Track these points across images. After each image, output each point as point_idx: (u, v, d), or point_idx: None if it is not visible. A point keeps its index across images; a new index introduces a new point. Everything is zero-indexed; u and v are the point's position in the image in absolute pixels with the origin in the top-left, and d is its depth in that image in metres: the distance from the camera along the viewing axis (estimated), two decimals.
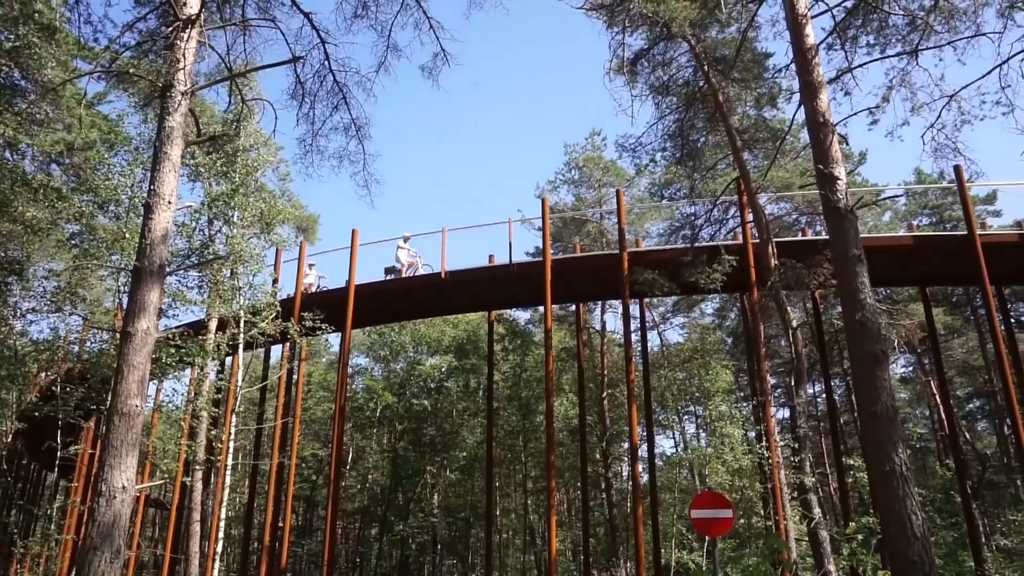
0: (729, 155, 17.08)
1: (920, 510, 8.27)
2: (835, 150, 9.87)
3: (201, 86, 9.88)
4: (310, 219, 30.93)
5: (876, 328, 8.75)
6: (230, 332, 16.04)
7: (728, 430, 20.86)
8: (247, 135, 16.54)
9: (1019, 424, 14.41)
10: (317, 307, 16.62)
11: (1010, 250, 15.53)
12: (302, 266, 18.53)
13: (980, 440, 35.17)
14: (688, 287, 15.48)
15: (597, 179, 28.96)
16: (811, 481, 13.55)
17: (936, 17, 12.99)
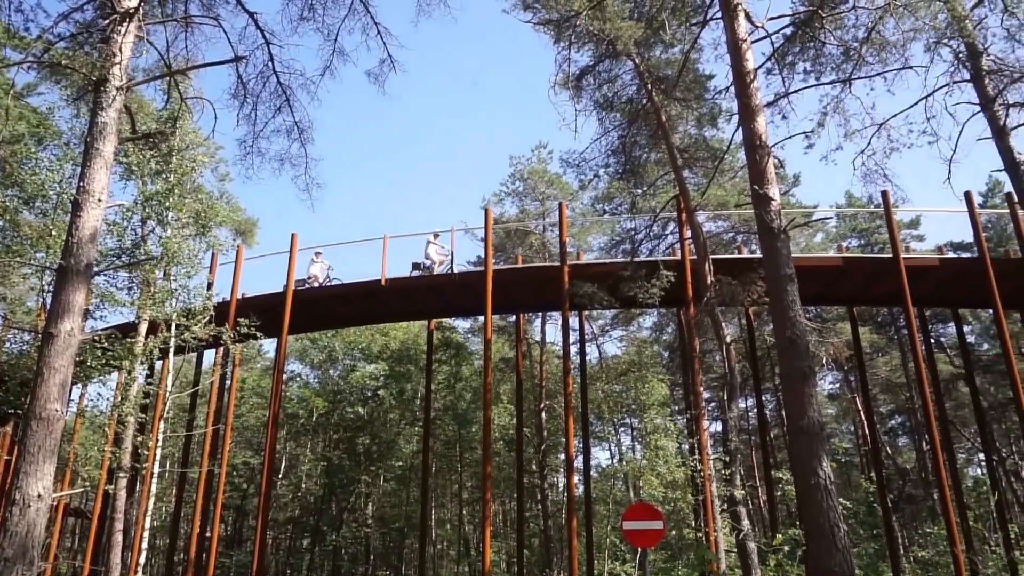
0: (670, 172, 17.42)
1: (843, 522, 8.53)
2: (770, 171, 10.17)
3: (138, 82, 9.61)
4: (249, 222, 30.26)
5: (805, 345, 9.03)
6: (161, 335, 15.55)
7: (662, 443, 21.19)
8: (185, 134, 16.12)
9: (936, 440, 15.04)
10: (253, 312, 16.27)
11: (931, 273, 16.24)
12: (239, 270, 18.10)
13: (901, 455, 36.54)
14: (627, 301, 15.71)
15: (541, 192, 29.15)
16: (741, 494, 13.85)
17: (868, 48, 13.52)
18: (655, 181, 19.76)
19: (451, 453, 33.56)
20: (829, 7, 13.34)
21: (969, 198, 15.97)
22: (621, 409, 30.97)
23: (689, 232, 15.75)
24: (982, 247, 15.39)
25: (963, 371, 20.46)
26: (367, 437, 32.08)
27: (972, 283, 16.05)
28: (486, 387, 16.12)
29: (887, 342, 30.59)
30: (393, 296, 17.82)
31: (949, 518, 14.12)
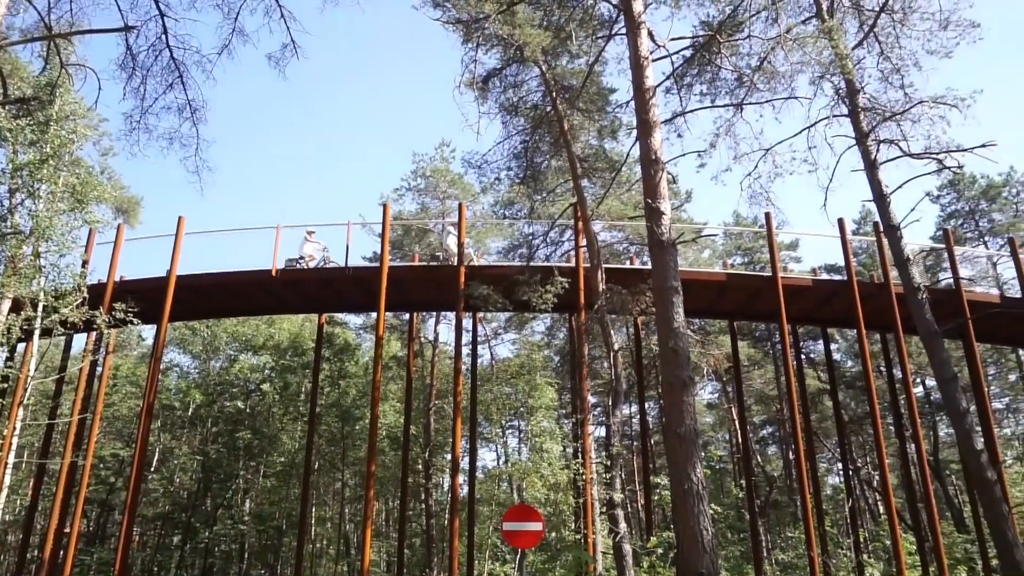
0: (569, 180, 17.75)
1: (711, 526, 8.93)
2: (663, 186, 10.54)
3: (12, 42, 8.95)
4: (131, 201, 28.66)
5: (686, 355, 9.40)
6: (25, 315, 14.47)
7: (548, 446, 21.53)
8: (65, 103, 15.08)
9: (801, 450, 15.98)
10: (132, 296, 15.41)
11: (805, 293, 17.26)
12: (118, 251, 17.06)
13: (770, 463, 38.57)
14: (521, 305, 15.88)
15: (443, 191, 29.07)
16: (620, 497, 14.25)
17: (760, 77, 14.24)
18: (555, 188, 20.08)
19: (335, 450, 32.90)
20: (726, 34, 13.97)
21: (841, 225, 17.07)
22: (510, 411, 31.27)
23: (584, 240, 16.09)
24: (850, 271, 16.48)
25: (828, 386, 21.84)
26: (248, 431, 30.99)
27: (840, 304, 17.17)
28: (375, 384, 15.91)
29: (763, 356, 32.24)
30: (284, 288, 17.32)
31: (808, 523, 15.02)
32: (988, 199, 30.09)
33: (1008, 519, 12.94)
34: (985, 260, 22.33)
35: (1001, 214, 30.02)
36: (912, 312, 14.38)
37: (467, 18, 14.75)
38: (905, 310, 15.30)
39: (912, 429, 16.72)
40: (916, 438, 16.49)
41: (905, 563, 15.49)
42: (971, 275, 20.06)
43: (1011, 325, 17.79)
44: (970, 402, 16.45)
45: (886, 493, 15.85)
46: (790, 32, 13.90)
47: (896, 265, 14.95)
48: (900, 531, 16.17)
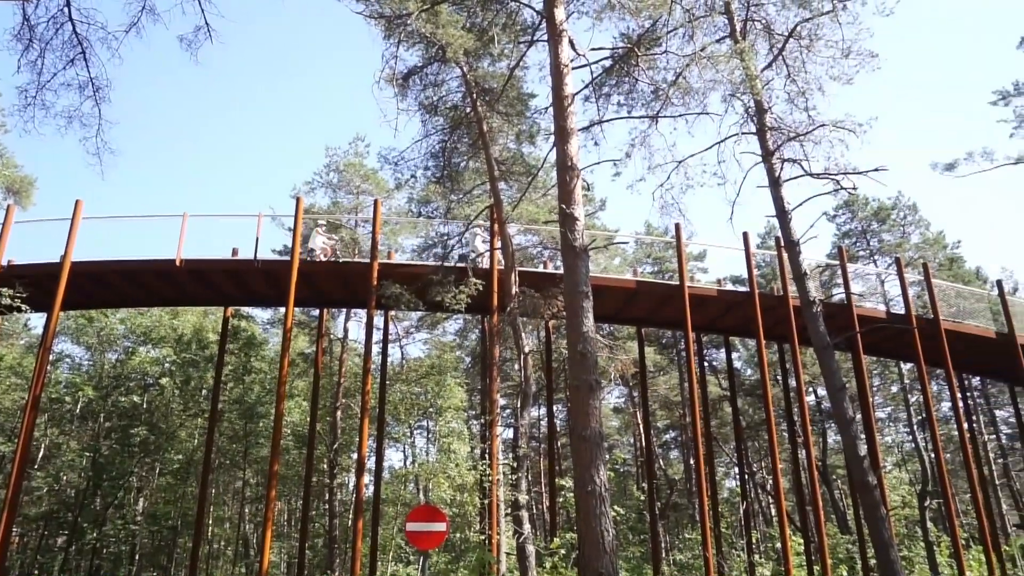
0: (486, 182, 17.81)
1: (613, 527, 9.13)
2: (578, 193, 10.71)
3: None
4: (24, 181, 26.97)
5: (594, 359, 9.58)
6: None
7: (456, 446, 21.52)
8: None
9: (700, 454, 16.53)
10: (20, 282, 14.52)
11: (710, 302, 17.88)
12: (6, 233, 16.00)
13: (671, 467, 39.73)
14: (434, 304, 15.82)
15: (356, 186, 28.62)
16: (525, 499, 14.37)
17: (675, 91, 14.68)
18: (471, 189, 20.10)
19: (237, 448, 31.85)
20: (645, 47, 14.34)
21: (746, 238, 17.77)
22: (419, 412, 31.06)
23: (499, 243, 16.18)
24: (752, 283, 17.18)
25: (728, 393, 22.68)
26: (144, 427, 29.61)
27: (742, 314, 17.87)
28: (281, 380, 15.52)
29: (668, 362, 33.18)
30: (189, 279, 16.67)
31: (704, 525, 15.56)
32: (879, 220, 31.96)
33: (885, 521, 13.74)
34: (874, 277, 23.69)
35: (890, 235, 31.94)
36: (807, 324, 15.09)
37: (390, 14, 14.61)
38: (801, 322, 16.03)
39: (803, 436, 17.56)
40: (807, 444, 17.33)
41: (792, 563, 16.25)
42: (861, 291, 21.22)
43: (894, 339, 18.92)
44: (856, 411, 17.39)
45: (778, 496, 16.57)
46: (705, 50, 14.40)
47: (794, 279, 15.65)
48: (789, 532, 16.94)
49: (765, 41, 17.14)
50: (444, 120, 17.22)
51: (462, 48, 14.29)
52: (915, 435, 28.04)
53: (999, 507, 35.41)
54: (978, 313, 21.47)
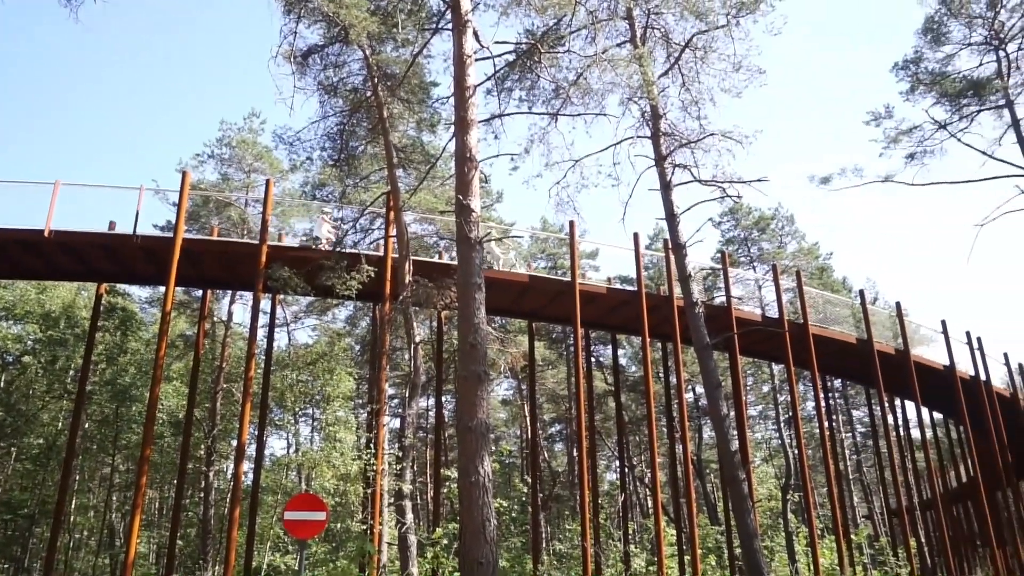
0: (384, 169, 17.57)
1: (495, 518, 9.24)
2: (476, 184, 10.74)
3: None
4: None
5: (484, 351, 9.65)
6: None
7: (342, 435, 21.18)
8: None
9: (584, 447, 16.97)
10: None
11: (600, 300, 18.34)
12: None
13: (556, 459, 40.57)
14: (324, 290, 15.47)
15: (249, 164, 27.61)
16: (409, 488, 14.33)
17: (575, 91, 14.91)
18: (369, 175, 19.79)
19: (106, 433, 30.14)
20: (548, 45, 14.50)
21: (636, 239, 18.33)
22: (305, 399, 30.34)
23: (395, 230, 16.00)
24: (640, 283, 17.75)
25: (613, 388, 23.35)
26: (1, 409, 27.53)
27: (630, 312, 18.43)
28: (157, 363, 14.77)
29: (557, 357, 33.81)
30: (59, 252, 15.58)
31: (584, 516, 15.99)
32: (759, 229, 33.70)
33: (751, 512, 14.57)
34: (753, 283, 24.95)
35: (769, 243, 33.77)
36: (689, 324, 15.75)
37: None
38: (684, 322, 16.71)
39: (681, 431, 18.34)
40: (684, 439, 18.10)
41: (665, 552, 16.96)
42: (741, 295, 22.32)
43: (768, 341, 20.01)
44: (730, 408, 18.33)
45: (655, 489, 17.24)
46: (606, 53, 14.69)
47: (680, 280, 16.29)
48: (663, 523, 17.66)
49: (663, 49, 17.71)
50: (343, 102, 16.86)
51: (365, 31, 14.01)
52: (782, 432, 29.81)
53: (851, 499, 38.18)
54: (843, 320, 23.03)
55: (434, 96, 17.36)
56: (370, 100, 16.26)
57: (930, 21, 22.00)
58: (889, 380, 21.81)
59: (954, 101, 22.12)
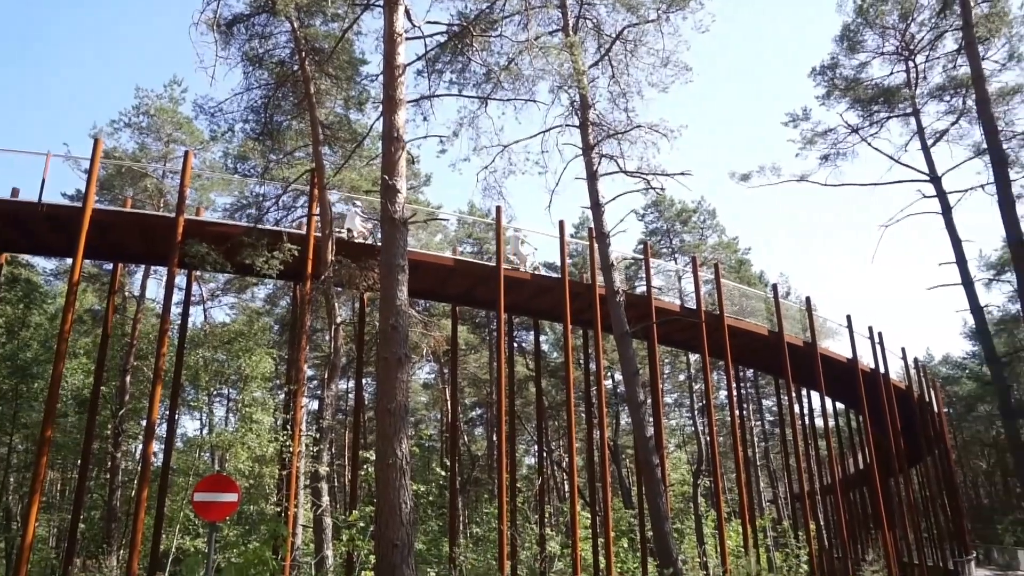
0: (310, 145, 17.20)
1: (412, 500, 9.26)
2: (402, 165, 10.66)
3: None
4: None
5: (405, 333, 9.62)
6: None
7: (258, 416, 20.75)
8: None
9: (503, 431, 17.12)
10: None
11: (524, 286, 18.45)
12: None
13: (475, 443, 40.78)
14: (244, 268, 15.08)
15: (168, 133, 26.56)
16: (326, 471, 14.19)
17: (506, 75, 14.93)
18: (293, 151, 19.34)
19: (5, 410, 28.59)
20: (480, 28, 14.45)
21: (561, 227, 18.52)
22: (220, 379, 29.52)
23: (319, 209, 15.70)
24: (564, 270, 17.95)
25: (534, 373, 23.61)
26: None
27: (553, 299, 18.63)
28: (62, 337, 14.08)
29: (480, 341, 33.94)
30: None
31: (502, 499, 16.16)
32: (681, 221, 34.57)
33: (663, 497, 15.03)
34: (673, 274, 25.62)
35: (690, 236, 34.67)
36: (610, 312, 16.05)
37: None
38: (605, 310, 17.01)
39: (599, 417, 18.71)
40: (601, 425, 18.50)
41: (580, 535, 17.31)
42: (661, 285, 22.90)
43: (685, 331, 20.59)
44: (647, 396, 18.78)
45: (571, 473, 17.55)
46: (538, 40, 14.76)
47: (602, 269, 16.57)
48: (579, 507, 18.02)
49: (594, 40, 17.90)
50: (269, 75, 16.41)
51: (294, 2, 13.66)
52: (695, 420, 30.78)
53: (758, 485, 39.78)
54: (757, 312, 23.90)
55: (363, 74, 17.10)
56: (297, 74, 15.88)
57: (847, 29, 22.96)
58: (797, 371, 22.79)
59: (866, 107, 23.21)
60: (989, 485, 68.03)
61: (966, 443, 63.02)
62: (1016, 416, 21.14)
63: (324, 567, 13.88)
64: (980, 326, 20.52)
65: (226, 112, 16.26)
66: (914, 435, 29.81)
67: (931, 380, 35.36)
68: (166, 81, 37.86)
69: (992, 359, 19.68)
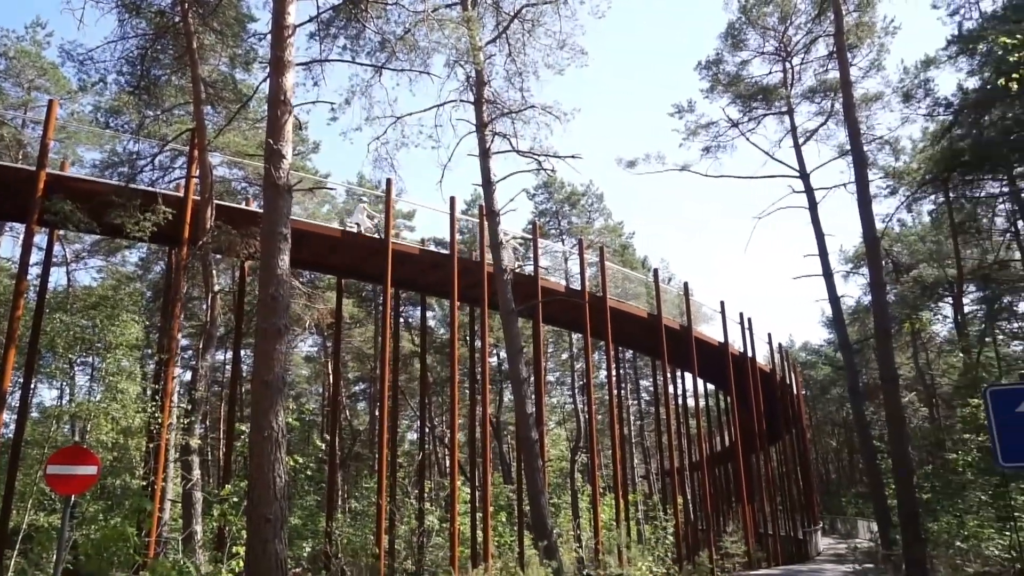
0: (190, 103, 16.31)
1: (286, 474, 9.07)
2: (288, 130, 10.29)
3: None
4: None
5: (285, 304, 9.36)
6: None
7: (124, 386, 19.67)
8: None
9: (386, 407, 17.03)
10: None
11: (412, 260, 18.32)
12: None
13: (358, 418, 40.30)
14: (113, 229, 14.19)
15: (30, 79, 24.49)
16: (197, 443, 13.67)
17: (402, 46, 14.65)
18: (172, 108, 18.29)
19: None
20: None
21: (452, 203, 18.47)
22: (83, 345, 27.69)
23: (198, 171, 14.95)
24: (453, 246, 17.94)
25: (419, 349, 23.54)
26: None
27: (441, 275, 18.60)
28: None
29: (366, 315, 33.46)
30: None
31: (381, 474, 16.10)
32: (570, 204, 35.22)
33: (541, 472, 15.40)
34: (560, 255, 26.13)
35: (578, 218, 35.40)
36: (498, 290, 16.20)
37: None
38: (493, 288, 17.15)
39: (482, 394, 18.90)
40: (484, 401, 18.69)
41: (459, 510, 17.51)
42: (548, 266, 23.30)
43: (570, 311, 21.06)
44: (530, 373, 19.12)
45: (453, 448, 17.68)
46: (436, 12, 14.54)
47: (491, 247, 16.67)
48: (459, 482, 18.18)
49: (493, 16, 17.84)
50: (147, 24, 15.38)
51: None
52: (576, 398, 31.64)
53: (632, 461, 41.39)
54: (638, 295, 24.76)
55: (251, 31, 16.37)
56: (178, 26, 14.97)
57: (731, 27, 23.93)
58: (673, 353, 23.81)
59: (746, 103, 24.33)
60: (838, 461, 73.94)
61: (819, 423, 68.07)
62: (863, 398, 22.98)
63: (192, 542, 13.41)
64: (836, 315, 22.06)
65: (97, 61, 15.14)
66: (775, 415, 31.85)
67: (792, 364, 37.86)
68: (27, 22, 34.92)
69: (845, 346, 21.22)
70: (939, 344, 39.58)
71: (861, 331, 40.20)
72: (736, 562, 24.04)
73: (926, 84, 24.05)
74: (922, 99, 24.32)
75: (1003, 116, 21.64)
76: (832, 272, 21.57)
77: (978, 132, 22.44)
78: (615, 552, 18.93)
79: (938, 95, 24.43)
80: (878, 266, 16.17)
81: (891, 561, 15.97)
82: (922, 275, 33.42)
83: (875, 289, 15.75)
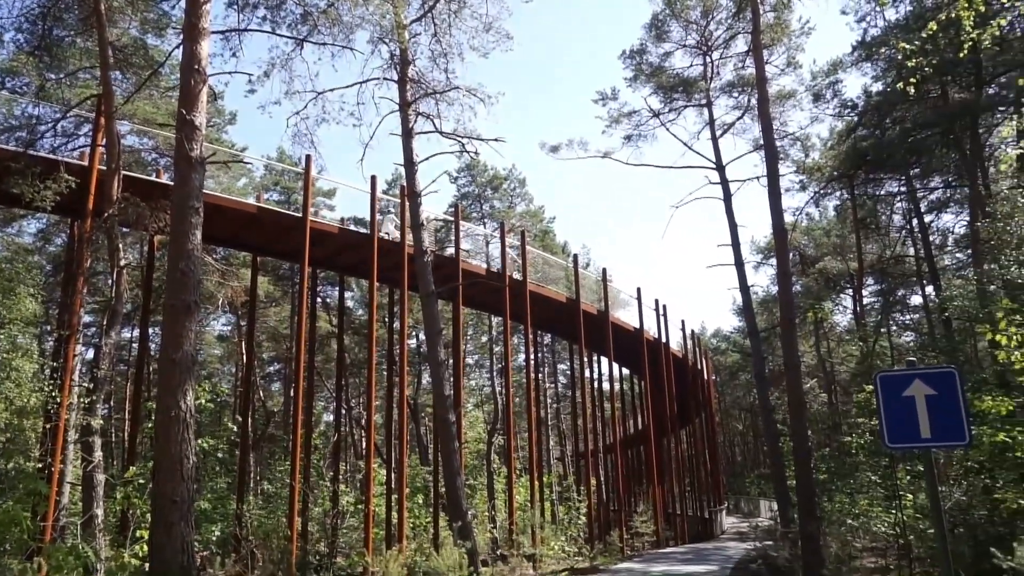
0: (96, 67, 15.51)
1: (194, 455, 8.84)
2: (203, 100, 9.95)
3: None
4: None
5: (196, 280, 9.08)
6: None
7: (19, 363, 18.65)
8: None
9: (300, 388, 16.75)
10: None
11: (330, 239, 18.01)
12: None
13: (272, 399, 39.47)
14: (10, 198, 13.41)
15: None
16: (99, 424, 13.12)
17: (324, 19, 14.33)
18: (76, 71, 17.39)
19: None
20: None
21: (373, 182, 18.22)
22: None
23: (104, 139, 14.25)
24: (373, 226, 17.72)
25: (337, 330, 23.20)
26: None
27: (360, 255, 18.36)
28: None
29: (282, 294, 32.71)
30: None
31: (295, 456, 15.86)
32: (492, 187, 35.25)
33: (457, 453, 15.48)
34: (482, 238, 26.16)
35: (500, 202, 35.47)
36: (417, 272, 16.11)
37: None
38: (413, 269, 17.04)
39: (400, 375, 18.81)
40: (402, 383, 18.61)
41: (375, 491, 17.43)
42: (469, 248, 23.32)
43: (490, 294, 21.15)
44: (449, 355, 19.14)
45: (369, 430, 17.57)
46: None
47: (412, 228, 16.55)
48: (375, 463, 18.08)
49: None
50: None
51: None
52: (494, 380, 31.86)
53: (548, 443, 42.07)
54: (558, 280, 25.06)
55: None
56: None
57: (656, 18, 24.37)
58: (590, 337, 24.25)
59: (667, 94, 24.87)
60: (743, 444, 77.13)
61: (728, 408, 70.75)
62: (768, 384, 24.01)
63: (92, 527, 12.89)
64: (746, 303, 22.93)
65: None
66: (686, 400, 32.92)
67: (704, 350, 39.15)
68: None
69: (753, 333, 22.10)
70: (839, 333, 41.63)
71: (768, 319, 41.88)
72: (645, 541, 24.83)
73: (834, 86, 25.19)
74: (830, 100, 25.46)
75: (902, 118, 22.87)
76: (743, 262, 22.37)
77: (880, 133, 23.63)
78: (529, 532, 19.26)
79: (845, 96, 25.66)
80: (785, 257, 16.85)
81: (788, 538, 16.79)
82: (826, 267, 35.09)
83: (782, 279, 16.42)
